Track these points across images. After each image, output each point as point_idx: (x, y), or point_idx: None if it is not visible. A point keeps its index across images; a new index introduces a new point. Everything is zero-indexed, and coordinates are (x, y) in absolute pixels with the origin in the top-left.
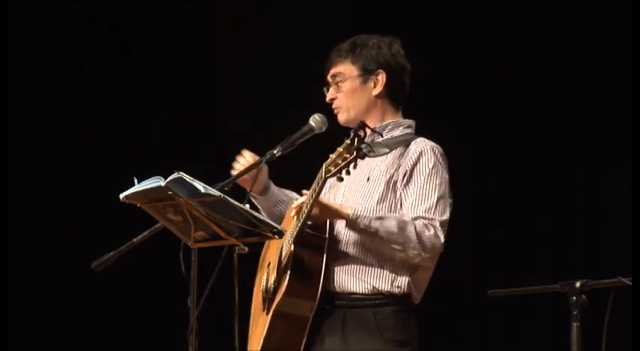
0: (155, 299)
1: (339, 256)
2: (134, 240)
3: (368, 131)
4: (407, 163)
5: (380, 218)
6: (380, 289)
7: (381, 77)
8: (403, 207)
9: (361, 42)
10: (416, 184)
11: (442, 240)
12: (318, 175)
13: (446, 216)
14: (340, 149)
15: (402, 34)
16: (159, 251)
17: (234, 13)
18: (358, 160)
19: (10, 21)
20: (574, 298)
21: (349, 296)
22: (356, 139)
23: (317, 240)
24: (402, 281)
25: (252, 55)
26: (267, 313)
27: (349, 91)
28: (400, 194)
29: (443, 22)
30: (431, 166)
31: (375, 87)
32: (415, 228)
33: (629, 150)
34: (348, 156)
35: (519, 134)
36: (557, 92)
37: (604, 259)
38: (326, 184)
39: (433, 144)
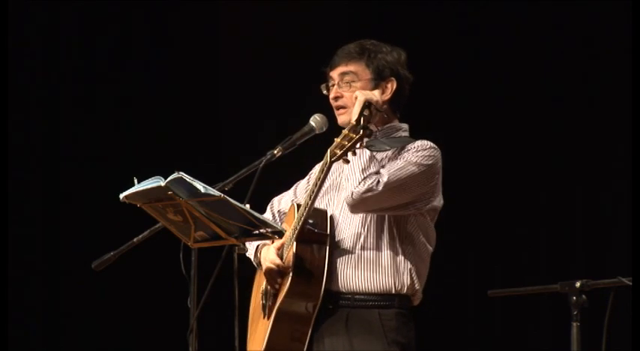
0: (155, 299)
1: (342, 253)
2: (134, 240)
3: (373, 111)
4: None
5: None
6: (384, 286)
7: (391, 85)
8: None
9: (373, 47)
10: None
11: (380, 188)
12: (323, 161)
13: (399, 176)
14: (346, 131)
15: (401, 34)
16: (159, 251)
17: (234, 13)
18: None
19: (10, 20)
20: (574, 298)
21: (353, 296)
22: (362, 119)
23: (319, 237)
24: (406, 278)
25: (251, 56)
26: (269, 316)
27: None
28: None
29: (442, 23)
30: (414, 149)
31: (383, 93)
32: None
33: (629, 150)
34: (355, 136)
35: (519, 134)
36: (558, 92)
37: (604, 259)
38: (335, 187)
39: (431, 143)
